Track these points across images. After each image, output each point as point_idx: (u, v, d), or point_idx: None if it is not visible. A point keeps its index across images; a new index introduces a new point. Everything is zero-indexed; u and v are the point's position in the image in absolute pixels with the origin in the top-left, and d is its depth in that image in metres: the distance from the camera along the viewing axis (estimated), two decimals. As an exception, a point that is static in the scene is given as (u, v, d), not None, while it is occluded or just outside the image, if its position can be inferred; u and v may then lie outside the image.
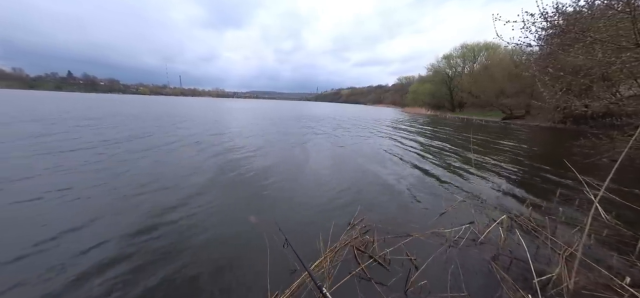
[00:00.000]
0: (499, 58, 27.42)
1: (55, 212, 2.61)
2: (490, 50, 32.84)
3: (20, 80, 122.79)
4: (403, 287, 1.74)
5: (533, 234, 2.45)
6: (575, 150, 6.58)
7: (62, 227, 2.30)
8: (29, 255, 1.92)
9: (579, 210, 3.07)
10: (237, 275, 1.82)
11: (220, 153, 5.52)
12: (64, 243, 2.09)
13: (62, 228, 2.29)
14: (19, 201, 2.78)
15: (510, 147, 8.05)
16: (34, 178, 3.49)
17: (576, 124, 14.26)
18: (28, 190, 3.05)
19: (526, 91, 19.89)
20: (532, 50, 5.89)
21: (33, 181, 3.38)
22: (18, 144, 5.36)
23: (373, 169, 4.79)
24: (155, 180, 3.64)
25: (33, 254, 1.94)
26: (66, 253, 1.96)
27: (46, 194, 2.98)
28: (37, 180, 3.43)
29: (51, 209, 2.65)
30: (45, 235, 2.17)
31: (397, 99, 76.62)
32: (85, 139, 6.38)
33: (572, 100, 4.79)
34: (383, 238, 2.30)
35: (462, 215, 2.88)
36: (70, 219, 2.45)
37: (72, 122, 9.16)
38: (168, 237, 2.24)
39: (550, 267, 1.94)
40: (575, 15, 4.68)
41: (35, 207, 2.68)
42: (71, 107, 16.89)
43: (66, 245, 2.06)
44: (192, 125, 10.47)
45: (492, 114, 25.65)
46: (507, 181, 4.33)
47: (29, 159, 4.37)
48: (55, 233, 2.21)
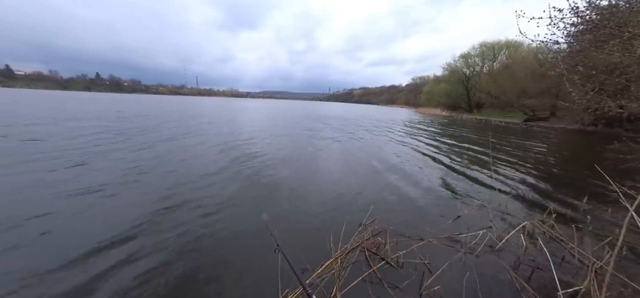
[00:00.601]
0: (522, 56, 25.93)
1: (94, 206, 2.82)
2: (512, 49, 31.12)
3: (55, 81, 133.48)
4: (417, 291, 1.70)
5: (558, 243, 2.30)
6: (608, 154, 6.08)
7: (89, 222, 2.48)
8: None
9: (612, 220, 2.84)
10: (248, 273, 1.87)
11: (236, 150, 5.68)
12: (91, 234, 2.26)
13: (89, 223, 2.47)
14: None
15: (533, 150, 7.60)
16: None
17: (609, 126, 13.17)
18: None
19: (551, 91, 18.65)
20: (559, 48, 5.52)
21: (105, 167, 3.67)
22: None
23: (385, 169, 4.72)
24: (179, 178, 3.81)
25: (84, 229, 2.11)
26: (80, 244, 2.11)
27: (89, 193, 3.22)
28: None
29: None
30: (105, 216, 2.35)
31: (410, 99, 74.74)
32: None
33: (606, 100, 4.43)
34: (395, 241, 2.26)
35: (479, 220, 2.77)
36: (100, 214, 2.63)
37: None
38: (182, 230, 2.35)
39: (577, 280, 1.81)
40: (611, 9, 4.32)
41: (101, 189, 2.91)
42: (107, 108, 18.08)
43: (90, 237, 2.22)
44: (210, 128, 10.84)
45: (512, 115, 24.32)
46: (528, 186, 4.10)
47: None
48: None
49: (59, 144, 5.46)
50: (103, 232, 2.26)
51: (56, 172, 3.75)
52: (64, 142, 5.74)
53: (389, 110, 41.72)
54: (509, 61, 29.17)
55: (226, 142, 6.78)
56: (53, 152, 4.79)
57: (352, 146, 7.16)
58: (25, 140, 5.68)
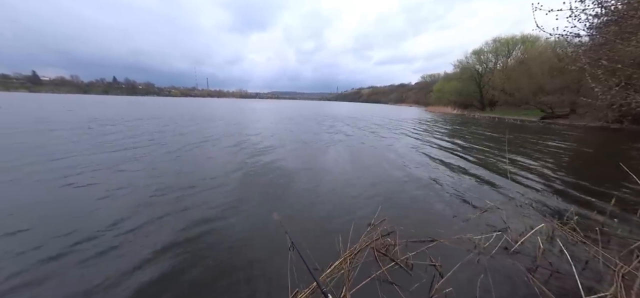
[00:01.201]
0: (538, 51, 24.77)
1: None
2: (528, 43, 29.78)
3: (76, 85, 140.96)
4: (427, 293, 1.66)
5: (579, 246, 2.18)
6: (635, 153, 5.70)
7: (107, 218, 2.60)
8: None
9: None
10: (259, 271, 1.89)
11: (247, 150, 5.77)
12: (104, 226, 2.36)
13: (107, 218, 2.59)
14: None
15: (551, 149, 7.24)
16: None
17: (636, 123, 12.34)
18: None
19: (571, 87, 17.71)
20: (580, 41, 5.23)
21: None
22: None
23: (394, 168, 4.64)
24: (191, 176, 3.92)
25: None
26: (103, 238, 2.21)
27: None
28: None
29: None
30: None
31: (420, 97, 73.23)
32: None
33: (633, 96, 4.15)
34: (405, 242, 2.22)
35: (492, 221, 2.67)
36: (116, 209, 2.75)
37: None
38: (197, 228, 2.41)
39: (602, 286, 1.71)
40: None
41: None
42: (127, 111, 18.85)
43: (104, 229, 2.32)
44: (220, 131, 11.07)
45: (528, 112, 23.29)
46: (547, 186, 3.91)
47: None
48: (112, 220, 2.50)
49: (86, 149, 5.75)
50: (117, 225, 2.36)
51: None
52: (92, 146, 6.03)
53: (398, 109, 41.06)
54: (525, 56, 27.95)
55: (239, 143, 6.91)
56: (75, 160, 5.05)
57: (361, 145, 7.09)
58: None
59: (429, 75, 76.70)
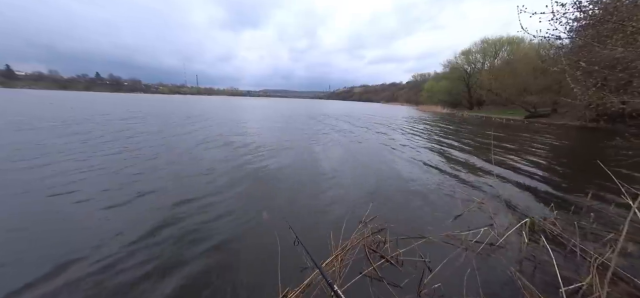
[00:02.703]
0: (523, 53, 25.72)
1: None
2: (514, 45, 30.86)
3: (54, 81, 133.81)
4: (416, 288, 1.69)
5: (559, 240, 2.29)
6: (610, 151, 6.04)
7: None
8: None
9: (614, 216, 2.82)
10: (248, 271, 1.87)
11: (237, 149, 5.67)
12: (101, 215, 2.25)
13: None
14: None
15: (534, 147, 7.56)
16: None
17: (611, 122, 13.07)
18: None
19: (553, 88, 18.52)
20: (561, 43, 5.46)
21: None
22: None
23: (385, 167, 4.70)
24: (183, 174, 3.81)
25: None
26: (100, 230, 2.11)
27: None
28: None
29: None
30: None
31: (411, 96, 74.45)
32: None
33: (608, 96, 4.39)
34: (395, 239, 2.25)
35: (479, 217, 2.75)
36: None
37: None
38: (188, 225, 2.35)
39: (579, 276, 1.80)
40: (614, 4, 4.26)
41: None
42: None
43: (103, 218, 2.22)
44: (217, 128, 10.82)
45: (513, 112, 24.17)
46: (530, 183, 4.07)
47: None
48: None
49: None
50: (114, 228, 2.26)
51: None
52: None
53: (390, 108, 41.60)
54: (511, 57, 28.95)
55: (230, 142, 6.78)
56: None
57: (352, 143, 7.13)
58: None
59: (420, 74, 78.19)
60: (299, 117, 16.09)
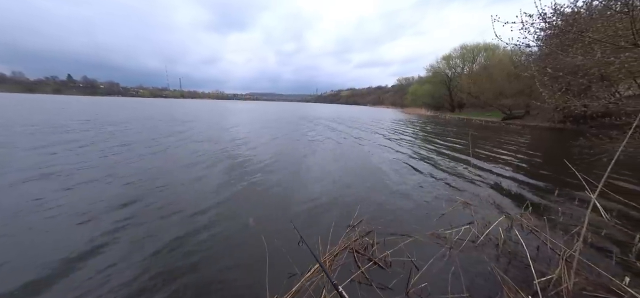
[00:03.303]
0: (498, 59, 27.45)
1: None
2: (490, 51, 32.89)
3: (19, 83, 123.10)
4: (404, 289, 1.74)
5: (532, 235, 2.45)
6: (575, 150, 6.58)
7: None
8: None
9: (579, 210, 3.07)
10: (235, 279, 1.82)
11: (220, 154, 5.52)
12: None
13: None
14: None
15: (510, 147, 8.05)
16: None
17: (576, 124, 14.27)
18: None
19: (525, 92, 19.91)
20: (531, 51, 5.91)
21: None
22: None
23: (372, 170, 4.79)
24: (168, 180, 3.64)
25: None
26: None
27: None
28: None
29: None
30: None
31: (396, 100, 76.66)
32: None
33: (572, 100, 4.80)
34: (383, 240, 2.30)
35: (462, 215, 2.88)
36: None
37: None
38: (175, 234, 2.25)
39: (550, 268, 1.94)
40: (574, 16, 4.70)
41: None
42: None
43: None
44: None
45: (491, 114, 25.66)
46: (506, 181, 4.33)
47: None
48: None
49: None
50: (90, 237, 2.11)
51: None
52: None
53: (376, 111, 42.53)
54: (487, 63, 30.78)
55: (215, 148, 6.58)
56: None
57: (340, 146, 7.21)
58: None
59: (405, 78, 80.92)
60: (286, 122, 16.00)
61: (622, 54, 3.51)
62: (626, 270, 1.96)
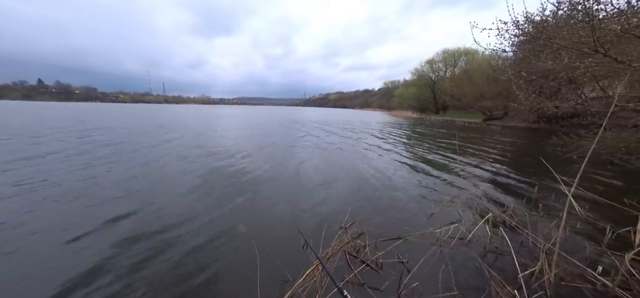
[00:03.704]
0: (478, 63, 28.92)
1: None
2: (470, 56, 34.61)
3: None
4: (396, 290, 1.75)
5: (516, 230, 2.56)
6: (549, 148, 7.03)
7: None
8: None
9: (556, 205, 3.26)
10: (226, 286, 1.76)
11: (211, 159, 5.36)
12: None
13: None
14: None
15: (491, 147, 8.46)
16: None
17: (549, 123, 15.27)
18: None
19: (503, 94, 21.08)
20: (507, 56, 6.29)
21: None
22: None
23: (362, 172, 4.84)
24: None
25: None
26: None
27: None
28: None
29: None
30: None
31: (383, 102, 78.41)
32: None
33: (544, 102, 5.14)
34: (374, 242, 2.31)
35: (450, 214, 2.97)
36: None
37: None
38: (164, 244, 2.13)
39: (533, 261, 2.03)
40: (543, 24, 5.06)
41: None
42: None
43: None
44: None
45: (473, 115, 26.89)
46: (490, 179, 4.53)
47: None
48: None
49: None
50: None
51: None
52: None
53: (364, 114, 43.24)
54: (468, 67, 32.35)
55: (199, 151, 6.37)
56: None
57: (330, 149, 7.23)
58: None
59: (391, 81, 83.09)
60: (276, 125, 15.85)
61: (586, 59, 3.82)
62: (598, 259, 2.10)
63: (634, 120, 4.34)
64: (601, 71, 4.00)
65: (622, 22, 3.33)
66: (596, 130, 5.08)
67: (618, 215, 2.85)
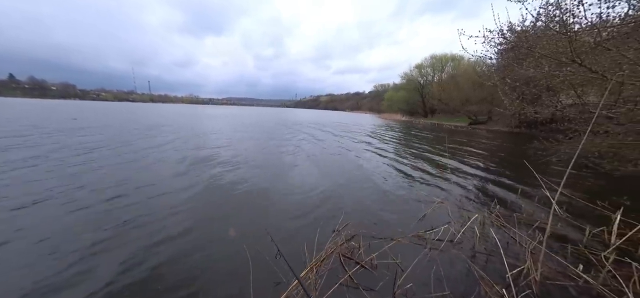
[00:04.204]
0: (464, 69, 30.08)
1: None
2: (456, 61, 35.92)
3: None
4: (391, 290, 1.75)
5: (503, 231, 2.65)
6: (530, 152, 7.37)
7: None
8: None
9: (539, 206, 3.41)
10: (219, 290, 1.69)
11: (199, 161, 5.19)
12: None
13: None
14: None
15: (477, 150, 8.78)
16: None
17: (529, 128, 16.10)
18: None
19: (488, 99, 22.02)
20: (492, 63, 6.57)
21: None
22: None
23: (354, 175, 4.86)
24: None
25: None
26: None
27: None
28: None
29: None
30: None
31: (374, 105, 79.69)
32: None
33: (527, 107, 5.40)
34: (368, 244, 2.32)
35: (440, 216, 3.03)
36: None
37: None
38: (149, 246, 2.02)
39: (519, 261, 2.11)
40: (524, 34, 5.33)
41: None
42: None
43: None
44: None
45: (460, 119, 27.87)
46: (476, 181, 4.69)
47: None
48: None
49: None
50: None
51: None
52: None
53: (355, 116, 43.72)
54: (454, 72, 33.55)
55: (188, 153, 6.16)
56: None
57: (323, 153, 7.23)
58: None
59: (381, 85, 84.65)
60: (269, 127, 15.66)
61: (565, 68, 4.05)
62: (579, 258, 2.21)
63: (605, 127, 4.64)
64: (577, 80, 4.25)
65: (595, 34, 3.56)
66: (572, 135, 5.40)
67: (593, 216, 3.03)
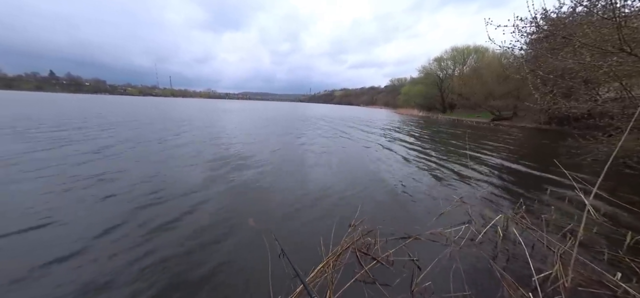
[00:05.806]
0: (488, 61, 28.21)
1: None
2: (479, 53, 33.75)
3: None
4: (408, 288, 1.74)
5: (528, 232, 2.51)
6: (562, 150, 6.84)
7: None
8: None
9: (570, 208, 3.18)
10: (239, 281, 1.78)
11: (219, 154, 5.41)
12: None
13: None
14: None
15: (501, 147, 8.29)
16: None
17: (560, 125, 14.86)
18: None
19: (513, 93, 20.56)
20: (522, 54, 6.10)
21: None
22: None
23: (371, 170, 4.81)
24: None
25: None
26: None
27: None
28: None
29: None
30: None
31: (389, 100, 77.44)
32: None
33: (561, 102, 4.98)
34: (385, 240, 2.30)
35: (460, 214, 2.93)
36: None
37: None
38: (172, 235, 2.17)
39: (547, 265, 1.99)
40: (562, 21, 4.87)
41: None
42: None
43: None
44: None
45: (481, 115, 26.34)
46: (500, 180, 4.44)
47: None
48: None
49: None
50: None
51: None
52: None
53: (369, 111, 42.88)
54: (477, 65, 31.59)
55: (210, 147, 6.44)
56: None
57: (338, 147, 7.21)
58: None
59: (397, 79, 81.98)
60: (284, 121, 15.86)
61: (610, 58, 3.66)
62: (617, 265, 2.04)
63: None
64: (624, 70, 3.83)
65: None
66: (612, 132, 4.90)
67: (634, 221, 2.77)
